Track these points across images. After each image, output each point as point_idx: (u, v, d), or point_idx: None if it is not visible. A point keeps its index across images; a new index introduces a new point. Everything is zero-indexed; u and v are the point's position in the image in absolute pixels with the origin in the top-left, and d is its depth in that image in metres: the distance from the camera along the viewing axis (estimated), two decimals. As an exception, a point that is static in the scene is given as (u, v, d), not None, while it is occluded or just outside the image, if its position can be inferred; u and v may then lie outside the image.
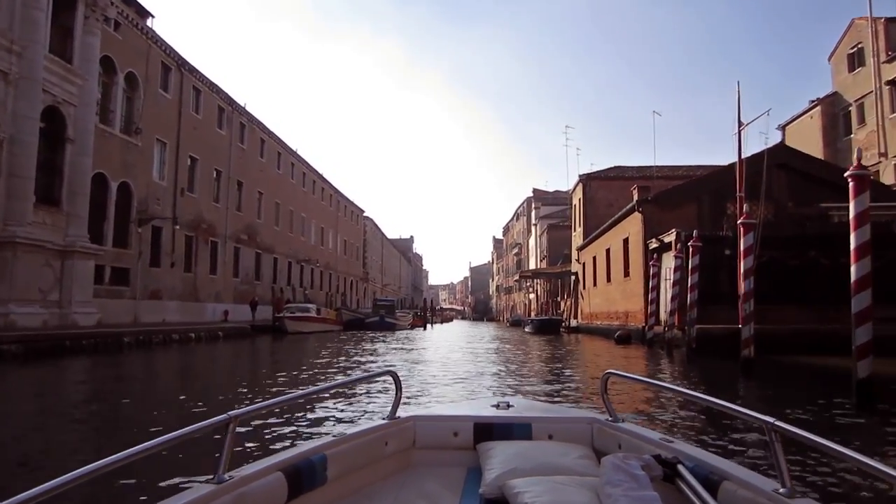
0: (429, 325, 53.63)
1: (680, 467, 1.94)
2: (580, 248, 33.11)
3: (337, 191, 58.62)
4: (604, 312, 26.55)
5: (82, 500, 3.34)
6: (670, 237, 16.58)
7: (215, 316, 31.75)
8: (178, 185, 28.84)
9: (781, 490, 1.65)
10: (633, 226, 20.63)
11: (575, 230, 37.37)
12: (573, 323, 33.58)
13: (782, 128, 32.68)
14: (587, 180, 33.04)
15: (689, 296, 12.81)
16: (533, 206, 63.22)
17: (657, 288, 17.01)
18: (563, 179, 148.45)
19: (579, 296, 33.88)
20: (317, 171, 52.00)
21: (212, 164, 32.44)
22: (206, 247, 31.73)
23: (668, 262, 16.88)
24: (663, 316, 17.15)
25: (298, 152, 47.02)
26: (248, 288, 36.15)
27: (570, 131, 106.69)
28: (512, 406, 2.85)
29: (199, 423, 1.69)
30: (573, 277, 36.13)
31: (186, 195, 29.67)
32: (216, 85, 32.72)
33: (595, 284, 28.87)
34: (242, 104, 36.83)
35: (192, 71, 30.14)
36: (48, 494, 1.18)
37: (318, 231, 52.23)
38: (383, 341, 24.46)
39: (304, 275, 47.34)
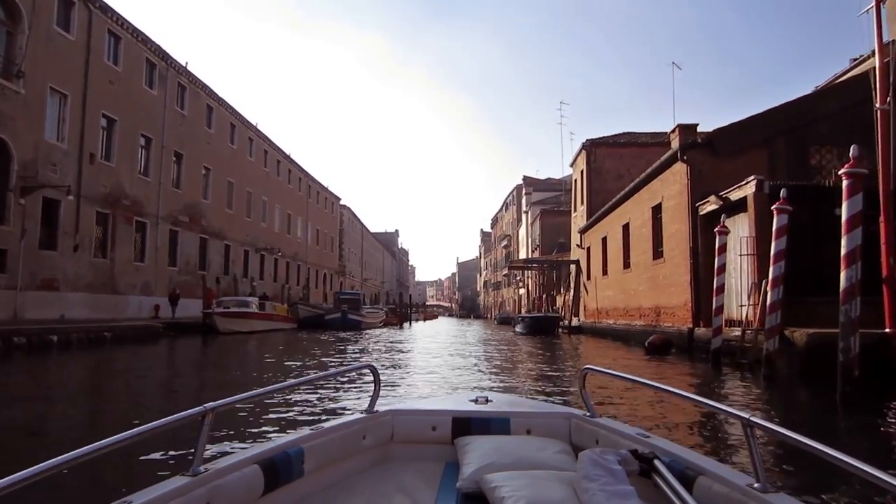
0: (407, 324, 48.14)
1: (656, 462, 1.94)
2: (583, 231, 27.59)
3: (307, 174, 52.90)
4: (619, 309, 21.10)
5: (51, 491, 3.23)
6: (744, 190, 11.17)
7: (142, 311, 26.11)
8: (86, 150, 23.05)
9: (756, 485, 1.64)
10: (670, 185, 15.17)
11: (575, 210, 31.75)
12: (574, 322, 28.23)
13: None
14: (591, 147, 27.49)
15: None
16: (524, 192, 57.81)
17: (724, 270, 11.20)
18: (555, 169, 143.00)
19: (582, 288, 28.34)
20: (282, 151, 46.27)
21: (137, 128, 26.66)
22: (129, 228, 26.01)
23: (742, 228, 11.46)
24: (731, 313, 11.68)
25: (259, 126, 41.28)
26: (189, 279, 30.45)
27: (563, 111, 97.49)
28: (490, 401, 2.80)
29: (175, 415, 1.62)
30: (573, 267, 30.63)
31: (99, 163, 23.91)
32: (142, 33, 26.91)
33: (605, 273, 23.45)
34: (183, 63, 31.07)
35: (106, 10, 24.29)
36: (17, 486, 1.15)
37: (284, 217, 46.54)
38: (328, 348, 18.89)
39: (265, 265, 41.67)
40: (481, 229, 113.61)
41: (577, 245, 29.16)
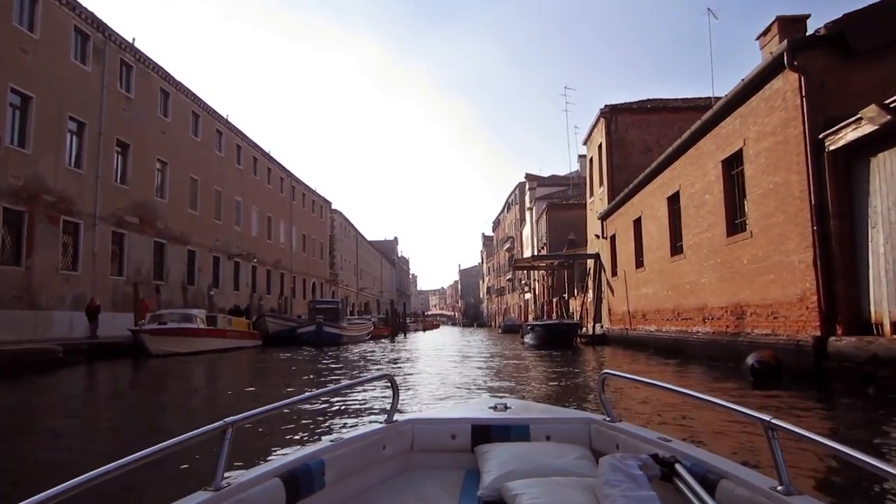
0: (402, 335, 43.36)
1: (678, 466, 1.91)
2: (605, 217, 22.77)
3: (291, 174, 48.37)
4: (664, 310, 16.06)
5: None
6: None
7: (74, 329, 21.46)
8: (-14, 131, 18.54)
9: (779, 488, 1.62)
10: (762, 119, 10.17)
11: (591, 195, 26.81)
12: (597, 329, 23.27)
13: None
14: (611, 114, 22.58)
15: None
16: (527, 188, 53.20)
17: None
18: (561, 167, 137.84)
19: (605, 287, 23.45)
20: (259, 147, 41.77)
21: (63, 109, 22.14)
22: (55, 229, 21.43)
23: None
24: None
25: (230, 118, 36.79)
26: (144, 291, 25.76)
27: (567, 97, 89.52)
28: (509, 407, 2.81)
29: (197, 430, 1.65)
30: (591, 262, 25.72)
31: (7, 149, 19.44)
32: (69, -5, 22.44)
33: (640, 265, 18.51)
34: (130, 39, 26.64)
35: (13, -40, 19.82)
36: None
37: (263, 220, 41.93)
38: (254, 381, 14.21)
39: (240, 274, 37.04)
40: (482, 233, 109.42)
41: (596, 235, 24.30)
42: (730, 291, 11.72)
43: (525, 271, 51.03)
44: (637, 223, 18.64)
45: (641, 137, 21.88)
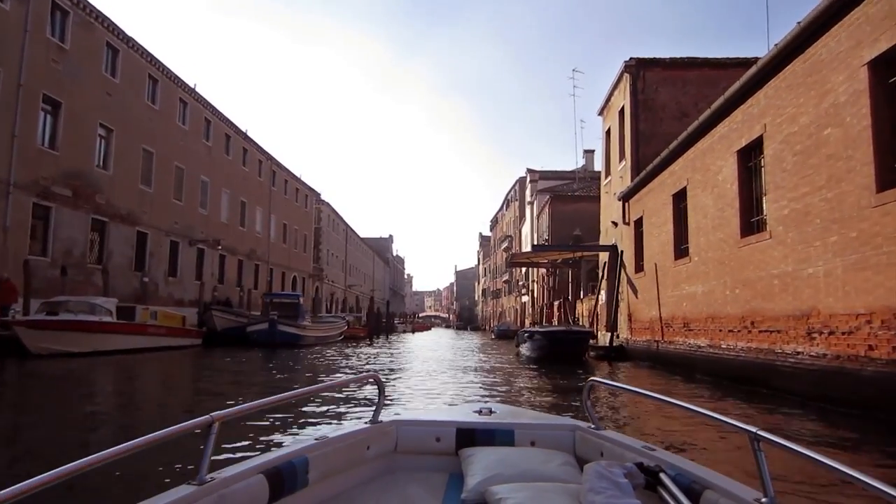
0: (383, 337, 39.14)
1: (662, 475, 1.91)
2: (628, 196, 18.43)
3: (271, 157, 44.27)
4: (727, 317, 11.28)
5: (59, 500, 2.98)
6: None
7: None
8: None
9: (764, 500, 1.61)
10: None
11: (607, 175, 22.30)
12: (614, 340, 18.50)
13: None
14: (639, 70, 18.12)
15: None
16: (528, 181, 49.10)
17: None
18: (567, 160, 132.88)
19: (624, 287, 19.32)
20: (234, 124, 37.65)
21: (-35, 48, 18.03)
22: (-53, 195, 17.33)
23: None
24: None
25: (198, 90, 32.68)
26: (77, 276, 21.73)
27: (575, 80, 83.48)
28: (494, 412, 2.77)
29: (182, 424, 1.63)
30: (604, 257, 21.32)
31: None
32: (-22, -90, 18.33)
33: (684, 255, 13.79)
34: (69, -20, 22.53)
35: None
36: (23, 494, 1.14)
37: (236, 205, 37.85)
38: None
39: (204, 263, 32.87)
40: (480, 233, 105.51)
41: (614, 223, 19.94)
42: (882, 286, 6.95)
43: (523, 271, 46.98)
44: (679, 197, 14.15)
45: (675, 99, 17.67)
